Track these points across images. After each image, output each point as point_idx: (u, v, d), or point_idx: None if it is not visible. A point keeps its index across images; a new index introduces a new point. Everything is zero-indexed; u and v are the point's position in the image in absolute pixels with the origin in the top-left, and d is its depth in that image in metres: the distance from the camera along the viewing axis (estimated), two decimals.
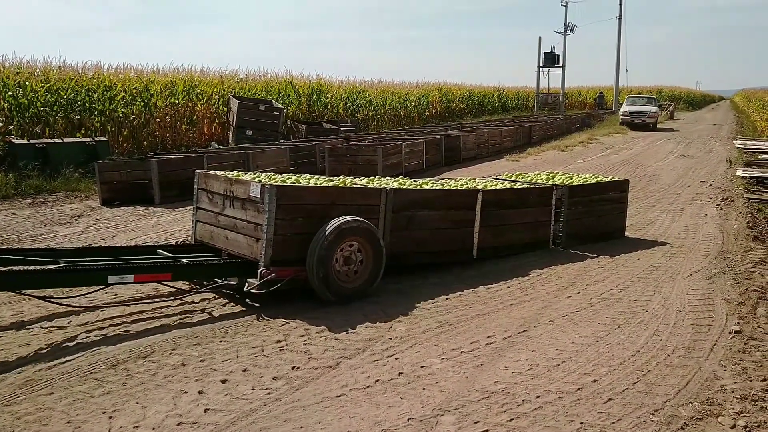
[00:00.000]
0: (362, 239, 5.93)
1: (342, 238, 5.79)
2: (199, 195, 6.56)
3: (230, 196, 6.10)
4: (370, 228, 5.98)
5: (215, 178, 6.37)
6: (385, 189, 6.48)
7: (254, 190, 5.79)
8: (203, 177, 6.56)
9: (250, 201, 5.86)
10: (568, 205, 8.18)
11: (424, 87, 37.38)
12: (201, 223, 6.51)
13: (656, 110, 34.74)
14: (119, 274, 5.33)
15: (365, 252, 5.99)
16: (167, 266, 5.70)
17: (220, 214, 6.23)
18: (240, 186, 6.00)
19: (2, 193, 11.49)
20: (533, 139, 24.83)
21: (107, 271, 5.33)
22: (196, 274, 5.99)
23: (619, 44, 48.72)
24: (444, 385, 4.31)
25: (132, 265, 5.53)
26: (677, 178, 15.51)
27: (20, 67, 16.46)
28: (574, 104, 58.15)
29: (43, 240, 8.47)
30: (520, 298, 6.21)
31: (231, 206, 6.10)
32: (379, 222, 6.40)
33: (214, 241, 6.30)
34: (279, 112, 18.92)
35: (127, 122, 17.14)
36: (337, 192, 6.23)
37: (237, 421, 3.78)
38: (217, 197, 6.28)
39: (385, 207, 6.45)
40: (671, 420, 3.89)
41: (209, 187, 6.42)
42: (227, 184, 6.16)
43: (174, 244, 6.73)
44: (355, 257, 5.94)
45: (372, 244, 5.99)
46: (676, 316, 5.68)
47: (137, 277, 5.42)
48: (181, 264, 5.82)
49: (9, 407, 3.89)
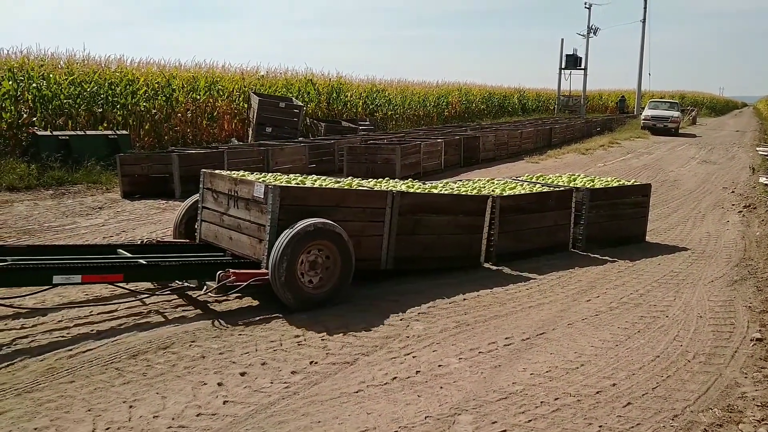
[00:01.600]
0: (329, 243, 5.65)
1: (307, 241, 5.51)
2: (205, 194, 6.51)
3: (235, 196, 6.07)
4: (336, 231, 5.67)
5: (220, 177, 6.34)
6: (391, 192, 6.42)
7: (258, 191, 5.77)
8: (209, 176, 6.50)
9: (254, 201, 5.82)
10: (589, 208, 8.14)
11: (444, 87, 37.29)
12: (206, 222, 6.46)
13: (678, 115, 34.47)
14: (66, 274, 5.07)
15: (332, 256, 5.71)
16: (119, 267, 5.39)
17: (225, 214, 6.19)
18: (244, 186, 5.97)
19: (25, 183, 11.62)
20: (553, 141, 24.70)
21: (52, 270, 5.06)
22: (151, 275, 5.70)
23: (642, 48, 48.45)
24: (461, 384, 4.30)
25: (80, 265, 5.24)
26: (699, 183, 15.38)
27: (44, 60, 16.60)
28: (595, 107, 57.78)
29: (65, 231, 8.56)
30: (538, 300, 6.19)
31: (235, 206, 6.06)
32: (384, 225, 6.36)
33: (219, 240, 6.26)
34: (299, 109, 18.95)
35: (148, 116, 17.25)
36: (341, 194, 6.18)
37: (255, 414, 3.80)
38: (222, 197, 6.25)
39: (391, 210, 6.40)
40: (691, 426, 3.86)
41: (214, 186, 6.38)
42: (232, 184, 6.12)
43: (139, 244, 6.53)
44: (321, 262, 5.68)
45: (340, 249, 5.70)
46: (697, 322, 5.64)
47: (85, 278, 5.15)
48: (134, 265, 5.51)
49: (31, 394, 3.94)
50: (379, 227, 6.33)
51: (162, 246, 6.34)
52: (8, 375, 4.17)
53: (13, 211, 9.72)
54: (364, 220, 6.23)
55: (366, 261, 6.31)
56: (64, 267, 5.15)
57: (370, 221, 6.27)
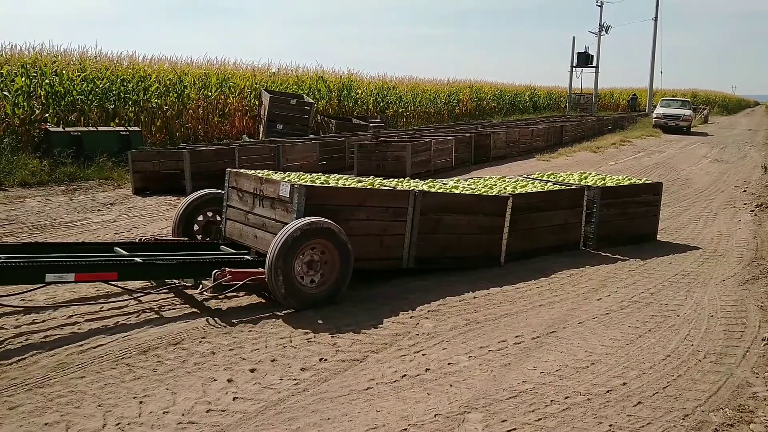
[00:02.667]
0: (327, 242, 5.55)
1: (304, 240, 5.42)
2: (230, 193, 6.57)
3: (260, 195, 6.12)
4: (334, 229, 5.56)
5: (246, 176, 6.40)
6: (413, 191, 6.46)
7: (284, 190, 5.81)
8: (234, 175, 6.57)
9: (279, 200, 5.87)
10: (600, 206, 8.10)
11: (455, 84, 37.23)
12: (231, 221, 6.52)
13: (690, 113, 34.29)
14: (58, 272, 5.00)
15: (331, 255, 5.61)
16: (113, 265, 5.32)
17: (250, 213, 6.24)
18: (270, 185, 6.02)
19: (37, 179, 11.68)
20: (564, 139, 24.61)
21: (45, 268, 4.99)
22: (145, 274, 5.65)
23: (654, 46, 48.12)
24: (471, 382, 4.30)
25: (73, 263, 5.14)
26: (711, 182, 15.29)
27: (57, 56, 16.69)
28: (606, 105, 57.54)
29: (76, 226, 8.60)
30: (549, 298, 6.17)
31: (260, 205, 6.12)
32: (406, 224, 6.38)
33: (243, 239, 6.31)
34: (309, 106, 18.97)
35: (160, 113, 17.30)
36: (365, 193, 6.23)
37: (265, 410, 3.81)
38: (247, 196, 6.30)
39: (413, 210, 6.42)
40: (702, 425, 3.84)
41: (240, 185, 6.44)
42: (257, 183, 6.18)
43: (137, 242, 6.50)
44: (319, 261, 5.60)
45: (338, 248, 5.58)
46: (708, 322, 5.61)
47: (78, 276, 5.09)
48: (129, 263, 5.44)
49: (42, 389, 3.96)
50: (401, 227, 6.35)
51: (160, 244, 6.28)
52: (19, 370, 4.20)
53: (26, 206, 9.78)
54: (387, 220, 6.26)
55: (388, 260, 6.37)
56: (56, 265, 5.07)
57: (392, 220, 6.30)
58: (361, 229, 6.09)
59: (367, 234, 6.16)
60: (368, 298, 5.92)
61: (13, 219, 8.85)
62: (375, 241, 6.22)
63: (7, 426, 3.52)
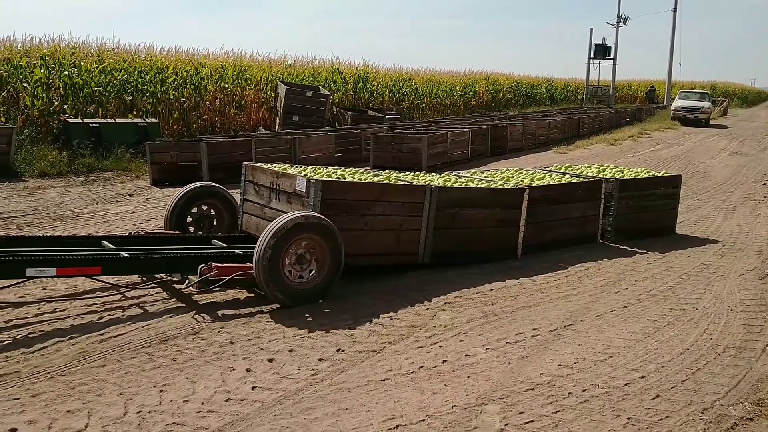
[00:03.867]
0: (318, 237, 5.40)
1: (294, 234, 5.27)
2: (246, 187, 6.60)
3: (276, 189, 6.14)
4: (325, 224, 5.43)
5: (262, 171, 6.42)
6: (429, 186, 6.45)
7: (300, 185, 5.82)
8: (250, 169, 6.59)
9: (295, 195, 5.88)
10: (618, 199, 8.06)
11: (471, 76, 37.06)
12: (247, 214, 6.55)
13: (709, 106, 33.95)
14: (39, 266, 4.90)
15: (321, 250, 5.45)
16: (96, 259, 5.18)
17: (266, 207, 6.27)
18: (286, 180, 6.03)
19: (56, 170, 11.79)
20: (582, 131, 24.45)
21: (25, 263, 4.87)
22: (130, 268, 5.47)
23: (673, 37, 47.71)
24: (488, 374, 4.30)
25: (54, 258, 5.04)
26: (730, 175, 15.16)
27: (75, 48, 16.82)
28: (624, 97, 57.03)
29: (95, 217, 8.68)
30: (566, 291, 6.15)
31: (277, 199, 6.14)
32: (422, 219, 6.38)
33: (260, 232, 6.28)
34: (325, 98, 18.98)
35: (177, 104, 17.40)
36: (381, 188, 6.23)
37: (283, 400, 3.83)
38: (264, 190, 6.32)
39: (429, 205, 6.41)
40: (721, 419, 3.82)
41: (256, 179, 6.47)
42: (274, 178, 6.20)
43: (127, 235, 6.36)
44: (309, 256, 5.44)
45: (329, 242, 5.44)
46: (727, 316, 5.57)
47: (60, 271, 4.98)
48: (113, 258, 5.26)
49: (64, 377, 4.01)
50: (417, 221, 6.35)
51: (151, 238, 6.15)
52: (42, 358, 4.25)
53: (45, 197, 9.87)
54: (403, 215, 6.26)
55: (403, 255, 6.37)
56: (37, 259, 4.95)
57: (409, 215, 6.30)
58: (376, 224, 6.09)
59: (382, 229, 6.16)
60: (385, 289, 5.93)
61: (33, 210, 8.94)
62: (391, 236, 6.23)
63: (30, 413, 3.57)
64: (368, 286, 5.93)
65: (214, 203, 6.81)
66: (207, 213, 6.84)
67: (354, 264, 6.05)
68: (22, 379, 3.94)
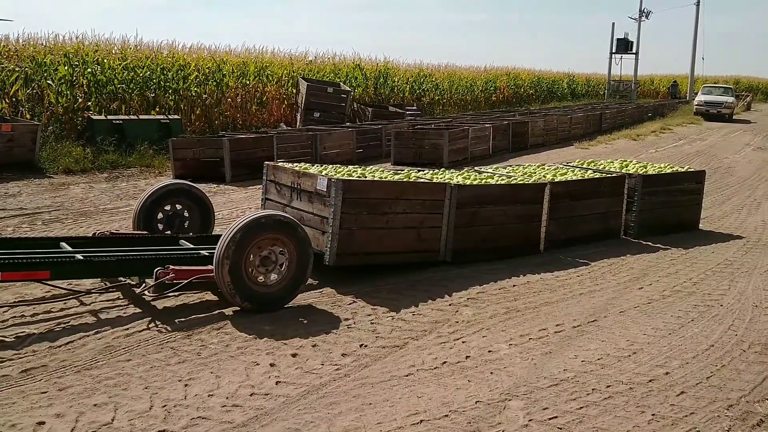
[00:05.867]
0: (284, 237, 5.12)
1: (257, 234, 5.01)
2: (268, 186, 6.63)
3: (298, 188, 6.16)
4: (292, 224, 5.19)
5: (283, 170, 6.44)
6: (449, 184, 6.44)
7: (321, 184, 5.84)
8: (272, 169, 6.62)
9: (316, 194, 5.90)
10: (642, 194, 7.99)
11: (492, 71, 36.94)
12: None
13: (733, 101, 33.57)
14: None
15: (288, 252, 5.16)
16: (44, 263, 4.83)
17: (288, 206, 6.29)
18: (307, 179, 6.05)
19: (80, 166, 11.93)
20: (603, 127, 24.26)
21: None
22: (82, 272, 5.10)
23: (695, 31, 47.19)
24: (512, 370, 4.29)
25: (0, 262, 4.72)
26: (754, 171, 14.97)
27: (99, 45, 16.99)
28: (646, 92, 56.52)
29: (119, 213, 8.76)
30: (589, 287, 6.11)
31: (298, 198, 6.16)
32: (443, 217, 6.38)
33: None
34: (346, 94, 19.00)
35: (199, 101, 17.52)
36: (401, 187, 6.22)
37: (307, 395, 3.85)
38: (285, 189, 6.35)
39: (450, 203, 6.41)
40: (747, 416, 3.79)
41: (277, 179, 6.49)
42: (295, 177, 6.21)
43: (90, 236, 6.03)
44: (275, 258, 5.15)
45: (296, 243, 5.16)
46: (752, 312, 5.51)
47: (5, 275, 4.69)
48: (63, 261, 4.96)
49: (90, 371, 4.06)
50: (437, 219, 6.35)
51: (114, 239, 5.83)
52: (68, 352, 4.30)
53: (70, 193, 9.99)
54: (424, 213, 6.26)
55: (424, 253, 6.38)
56: None
57: (429, 213, 6.30)
58: (398, 222, 6.10)
59: (403, 227, 6.16)
60: (407, 285, 5.93)
61: (59, 206, 9.05)
62: (412, 234, 6.23)
63: (57, 406, 3.62)
64: (390, 282, 5.94)
65: (186, 203, 6.49)
66: (179, 212, 6.52)
67: (375, 263, 6.10)
68: (50, 373, 3.99)
